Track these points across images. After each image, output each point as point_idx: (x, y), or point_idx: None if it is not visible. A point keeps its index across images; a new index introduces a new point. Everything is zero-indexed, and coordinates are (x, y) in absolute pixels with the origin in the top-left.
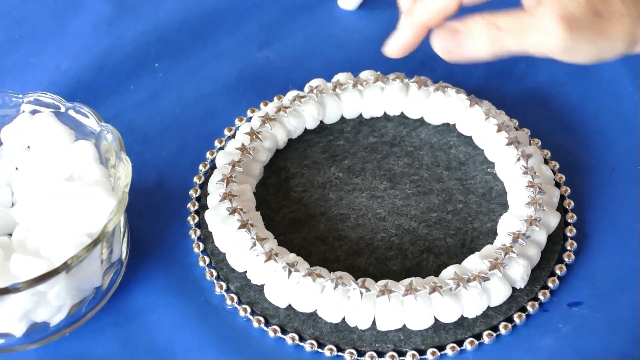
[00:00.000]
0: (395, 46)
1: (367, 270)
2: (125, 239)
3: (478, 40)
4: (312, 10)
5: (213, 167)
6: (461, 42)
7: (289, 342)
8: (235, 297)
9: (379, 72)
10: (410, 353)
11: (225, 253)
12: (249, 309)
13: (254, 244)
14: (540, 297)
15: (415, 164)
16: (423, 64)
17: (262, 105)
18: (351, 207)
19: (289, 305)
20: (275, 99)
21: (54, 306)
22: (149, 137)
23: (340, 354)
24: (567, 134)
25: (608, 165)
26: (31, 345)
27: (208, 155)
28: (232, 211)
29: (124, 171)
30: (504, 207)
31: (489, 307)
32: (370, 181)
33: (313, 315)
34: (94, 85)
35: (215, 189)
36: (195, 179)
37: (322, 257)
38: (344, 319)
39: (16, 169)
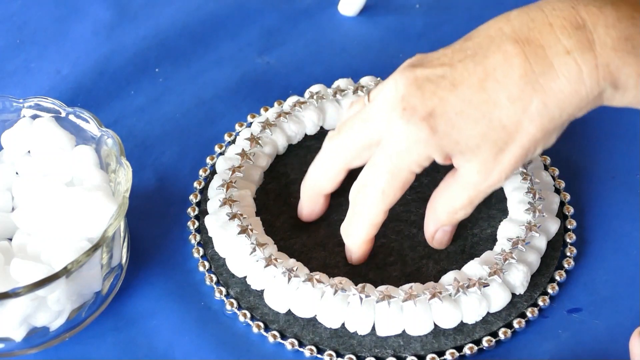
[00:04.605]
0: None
1: (366, 276)
2: (126, 243)
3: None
4: (313, 16)
5: (213, 172)
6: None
7: (289, 347)
8: (235, 302)
9: (379, 78)
10: (409, 359)
11: (225, 258)
12: (248, 314)
13: (254, 249)
14: (540, 303)
15: None
16: None
17: (262, 110)
18: None
19: (289, 310)
20: (276, 104)
21: (53, 311)
22: (149, 142)
23: (339, 359)
24: (567, 141)
25: (608, 172)
26: (31, 350)
27: (208, 160)
28: (232, 216)
29: (124, 176)
30: (504, 213)
31: (488, 312)
32: None
33: (313, 321)
34: (95, 90)
35: (216, 194)
36: (196, 184)
37: (322, 262)
38: (343, 324)
39: (17, 173)
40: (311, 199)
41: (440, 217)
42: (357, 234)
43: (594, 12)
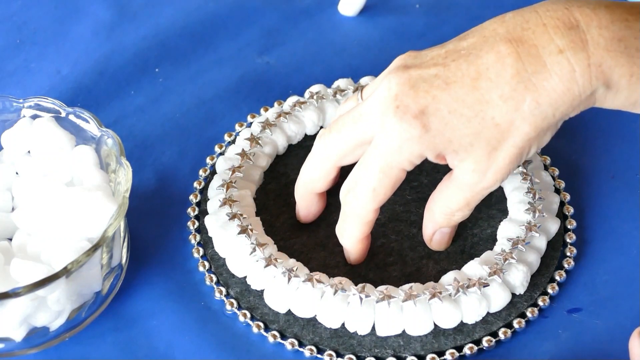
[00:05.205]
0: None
1: (366, 276)
2: (126, 243)
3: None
4: (313, 16)
5: (213, 172)
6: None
7: (289, 347)
8: (235, 302)
9: None
10: (409, 359)
11: (225, 258)
12: (248, 314)
13: (254, 250)
14: (540, 303)
15: (415, 170)
16: None
17: (262, 110)
18: None
19: (289, 310)
20: (276, 104)
21: (53, 311)
22: (149, 142)
23: (339, 359)
24: (567, 141)
25: (608, 172)
26: (31, 350)
27: (208, 160)
28: (232, 216)
29: (124, 176)
30: (504, 213)
31: (488, 312)
32: None
33: (313, 321)
34: (95, 90)
35: (215, 194)
36: (196, 184)
37: (321, 262)
38: (343, 324)
39: (17, 173)
40: (304, 198)
41: (438, 219)
42: (351, 234)
43: (588, 13)
